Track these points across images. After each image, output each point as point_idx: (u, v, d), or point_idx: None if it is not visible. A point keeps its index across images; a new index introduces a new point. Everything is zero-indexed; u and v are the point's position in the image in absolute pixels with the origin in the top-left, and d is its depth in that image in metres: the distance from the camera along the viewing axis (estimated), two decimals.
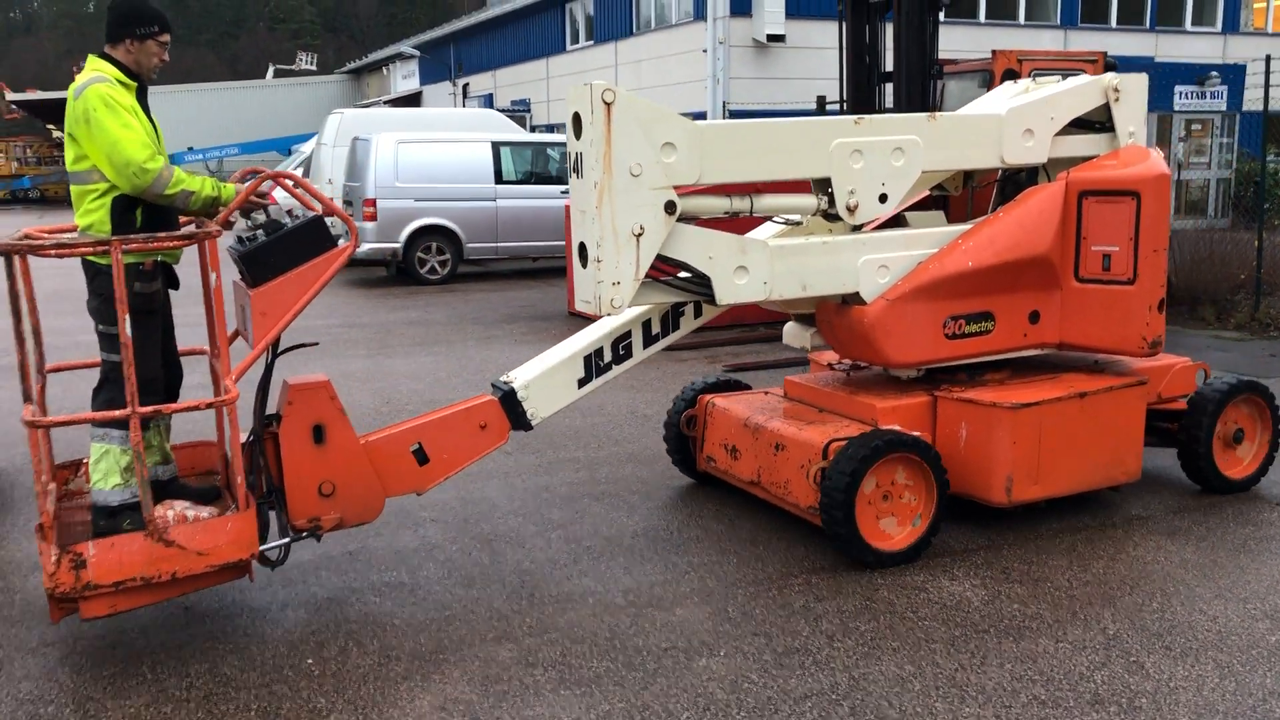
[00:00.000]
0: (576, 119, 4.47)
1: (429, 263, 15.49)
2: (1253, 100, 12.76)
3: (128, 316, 3.78)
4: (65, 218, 4.52)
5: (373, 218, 15.04)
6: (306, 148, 24.64)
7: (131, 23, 4.22)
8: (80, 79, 4.12)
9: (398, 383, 8.91)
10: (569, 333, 5.28)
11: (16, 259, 3.99)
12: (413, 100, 41.32)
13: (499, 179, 15.68)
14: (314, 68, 60.39)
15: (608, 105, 4.32)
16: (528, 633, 4.29)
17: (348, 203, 15.89)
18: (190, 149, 42.17)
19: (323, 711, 3.71)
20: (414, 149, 15.36)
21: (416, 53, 41.02)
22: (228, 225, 4.26)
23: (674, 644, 4.18)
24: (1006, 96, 5.61)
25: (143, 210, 4.15)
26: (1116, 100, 5.48)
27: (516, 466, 6.50)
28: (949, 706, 3.69)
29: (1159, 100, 18.30)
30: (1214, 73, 19.23)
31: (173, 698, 3.82)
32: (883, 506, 4.92)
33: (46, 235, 4.40)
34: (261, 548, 4.19)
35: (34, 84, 53.70)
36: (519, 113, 29.64)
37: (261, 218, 4.27)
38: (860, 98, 9.31)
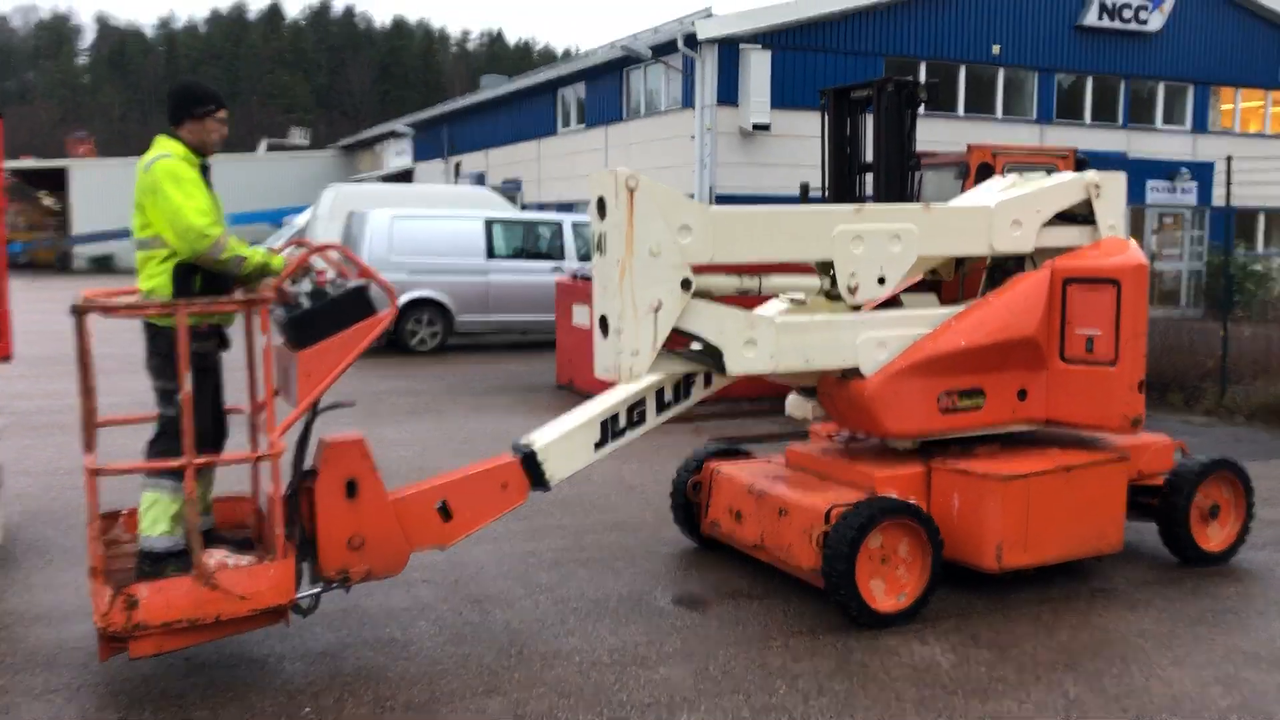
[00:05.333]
0: (601, 202, 4.90)
1: (419, 334, 15.78)
2: (1223, 196, 13.25)
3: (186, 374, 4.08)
4: (52, 285, 4.78)
5: None
6: (299, 220, 25.03)
7: (190, 103, 4.64)
8: (149, 155, 4.55)
9: (388, 449, 9.08)
10: (557, 404, 5.54)
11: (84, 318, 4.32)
12: (405, 176, 41.97)
13: (490, 254, 16.07)
14: (306, 142, 61.24)
15: (631, 191, 4.79)
16: (516, 687, 4.47)
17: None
18: None
19: None
20: (408, 224, 15.75)
21: (410, 130, 41.80)
22: (280, 296, 4.52)
23: (657, 699, 4.36)
24: (996, 190, 6.05)
25: (201, 276, 4.50)
26: (1098, 196, 5.92)
27: (505, 532, 6.69)
28: None
29: (1132, 194, 18.85)
30: (1184, 169, 19.90)
31: None
32: (881, 569, 5.15)
33: (111, 298, 4.71)
34: (294, 596, 4.41)
35: (28, 151, 54.24)
36: (510, 191, 30.21)
37: (307, 285, 4.58)
38: (841, 186, 9.68)
